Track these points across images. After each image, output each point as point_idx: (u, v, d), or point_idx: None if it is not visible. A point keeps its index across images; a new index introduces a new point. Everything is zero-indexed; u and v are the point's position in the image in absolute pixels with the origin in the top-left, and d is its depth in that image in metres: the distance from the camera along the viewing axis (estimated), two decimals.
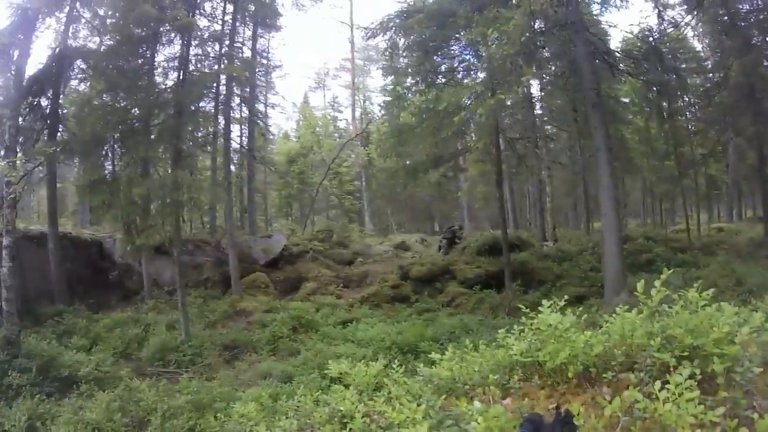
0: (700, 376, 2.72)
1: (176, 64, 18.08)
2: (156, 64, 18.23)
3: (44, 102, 19.18)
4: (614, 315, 3.57)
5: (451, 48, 21.11)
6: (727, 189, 40.24)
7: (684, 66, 26.98)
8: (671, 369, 2.78)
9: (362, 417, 3.32)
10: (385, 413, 3.22)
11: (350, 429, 3.30)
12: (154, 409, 8.81)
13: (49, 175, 20.00)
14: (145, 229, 15.56)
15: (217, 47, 20.70)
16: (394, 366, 4.29)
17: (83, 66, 19.54)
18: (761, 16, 18.25)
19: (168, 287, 20.49)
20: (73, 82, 20.87)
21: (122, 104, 17.08)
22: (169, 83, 18.31)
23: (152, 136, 16.87)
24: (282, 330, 16.68)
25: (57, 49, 18.83)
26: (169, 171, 16.66)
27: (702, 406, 2.29)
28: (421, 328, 15.99)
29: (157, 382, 11.25)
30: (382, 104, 31.09)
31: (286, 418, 4.27)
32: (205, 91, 19.35)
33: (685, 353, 3.03)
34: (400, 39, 20.85)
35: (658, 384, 2.48)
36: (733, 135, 26.96)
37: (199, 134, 21.12)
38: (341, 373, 4.35)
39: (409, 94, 21.53)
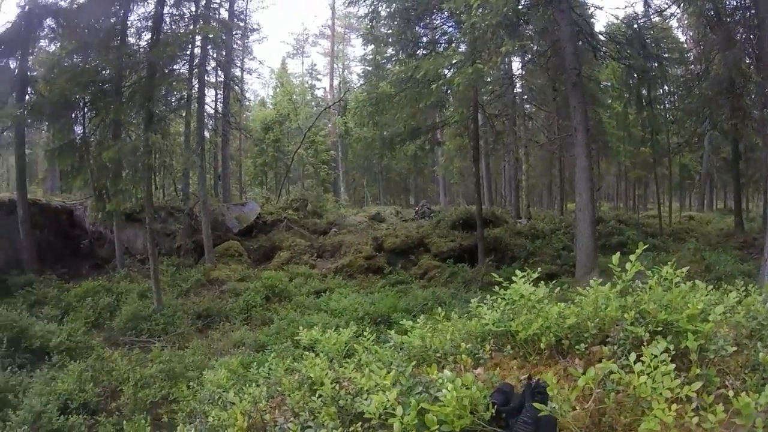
0: (673, 351, 2.72)
1: (150, 24, 17.40)
2: (129, 23, 17.50)
3: (12, 63, 18.57)
4: (588, 288, 3.57)
5: (434, 19, 20.86)
6: (700, 179, 41.11)
7: (666, 55, 27.16)
8: (644, 343, 2.76)
9: (332, 383, 3.26)
10: (355, 379, 3.18)
11: (319, 395, 3.25)
12: (127, 379, 8.75)
13: (18, 140, 19.41)
14: (116, 194, 15.21)
15: (192, 7, 20.13)
16: (365, 334, 4.25)
17: (53, 25, 18.71)
18: (747, 14, 18.36)
19: (140, 255, 20.20)
20: (43, 43, 20.01)
21: (93, 65, 16.48)
22: (143, 44, 17.78)
23: (123, 98, 16.31)
24: (255, 299, 16.55)
25: (26, 7, 18.12)
26: (141, 135, 16.24)
27: (678, 381, 2.27)
28: (394, 300, 16.09)
29: (130, 351, 11.18)
30: (361, 74, 30.65)
31: (257, 385, 4.21)
32: (179, 52, 18.78)
33: (659, 328, 3.03)
34: (382, 6, 20.51)
35: (633, 356, 2.45)
36: (710, 127, 27.31)
37: (173, 98, 20.69)
38: (312, 341, 4.29)
39: (389, 64, 21.25)
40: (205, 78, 25.45)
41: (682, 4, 21.19)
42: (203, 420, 4.10)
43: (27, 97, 18.50)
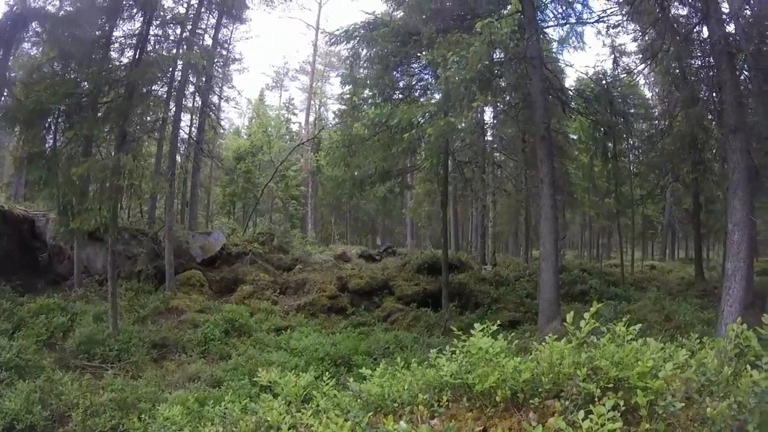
0: (624, 407, 2.82)
1: (134, 41, 17.28)
2: (113, 39, 17.27)
3: None
4: (544, 343, 3.65)
5: (412, 66, 21.27)
6: (661, 230, 42.29)
7: (632, 111, 28.29)
8: (596, 399, 2.85)
9: (289, 429, 3.25)
10: (312, 426, 3.17)
11: None
12: (76, 405, 8.54)
13: None
14: (81, 212, 14.87)
15: (178, 30, 19.93)
16: (324, 378, 4.24)
17: (38, 29, 18.38)
18: (711, 74, 19.35)
19: (99, 276, 19.51)
20: (26, 45, 19.43)
21: (72, 76, 16.26)
22: (125, 61, 17.64)
23: (99, 114, 16.06)
24: (214, 332, 16.14)
25: (15, 8, 17.92)
26: (113, 153, 16.01)
27: None
28: (356, 342, 15.92)
29: (81, 375, 10.89)
30: (336, 112, 30.94)
31: (212, 424, 4.16)
32: (159, 74, 18.69)
33: (610, 384, 3.14)
34: (362, 49, 20.85)
35: (581, 414, 2.53)
36: (672, 180, 28.25)
37: (148, 119, 20.49)
38: (271, 382, 4.27)
39: (365, 106, 21.52)
40: (183, 102, 25.32)
41: (649, 63, 22.12)
42: None
43: (2, 98, 18.10)
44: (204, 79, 28.35)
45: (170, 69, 20.71)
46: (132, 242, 21.58)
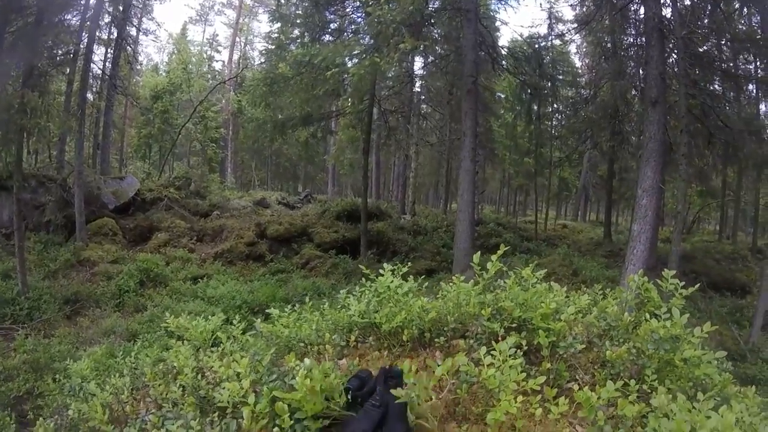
0: (526, 347, 2.92)
1: None
2: None
3: None
4: (451, 284, 3.72)
5: (345, 6, 20.69)
6: (576, 192, 44.20)
7: (560, 77, 29.10)
8: (500, 338, 2.92)
9: (194, 372, 3.17)
10: (213, 368, 3.11)
11: (180, 385, 3.15)
12: None
13: None
14: None
15: None
16: (233, 322, 4.16)
17: None
18: (640, 52, 20.15)
19: (6, 229, 18.18)
20: None
21: None
22: None
23: (4, 46, 14.81)
24: (129, 283, 15.71)
25: None
26: (18, 90, 14.79)
27: (525, 374, 2.41)
28: (274, 289, 16.02)
29: None
30: (263, 51, 29.83)
31: (121, 375, 4.03)
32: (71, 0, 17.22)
33: (514, 325, 3.23)
34: None
35: (483, 350, 2.58)
36: (591, 146, 29.43)
37: (60, 52, 19.02)
38: (180, 329, 4.14)
39: (293, 46, 20.77)
40: (96, 33, 23.34)
41: (583, 33, 22.73)
42: (63, 413, 3.87)
43: None
44: (121, 8, 26.46)
45: None
46: (40, 190, 20.22)
